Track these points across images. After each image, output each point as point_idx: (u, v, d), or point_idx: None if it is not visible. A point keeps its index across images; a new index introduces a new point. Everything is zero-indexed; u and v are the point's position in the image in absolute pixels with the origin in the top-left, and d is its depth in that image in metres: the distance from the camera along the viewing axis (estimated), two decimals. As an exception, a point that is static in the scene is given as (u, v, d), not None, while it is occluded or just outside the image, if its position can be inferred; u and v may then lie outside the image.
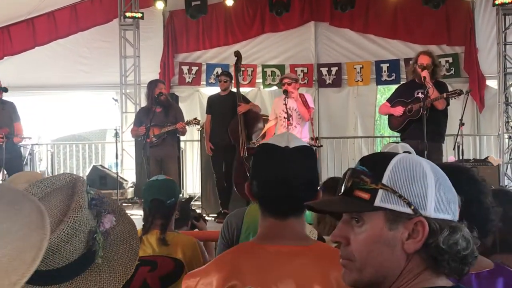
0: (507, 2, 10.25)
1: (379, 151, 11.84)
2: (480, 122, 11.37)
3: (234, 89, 8.58)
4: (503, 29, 10.72)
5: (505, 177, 10.42)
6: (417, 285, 1.26)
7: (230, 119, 8.30)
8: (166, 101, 8.45)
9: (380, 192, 1.26)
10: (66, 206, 1.62)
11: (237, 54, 8.52)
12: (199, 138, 9.69)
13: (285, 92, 7.58)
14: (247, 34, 11.86)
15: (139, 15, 11.29)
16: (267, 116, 8.72)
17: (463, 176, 1.88)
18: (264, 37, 11.94)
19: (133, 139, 10.55)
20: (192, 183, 11.24)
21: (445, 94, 6.95)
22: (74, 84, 11.84)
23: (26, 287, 1.60)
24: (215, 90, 9.07)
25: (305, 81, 11.79)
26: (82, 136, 16.66)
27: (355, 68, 11.71)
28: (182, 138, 10.51)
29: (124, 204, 10.29)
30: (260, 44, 11.96)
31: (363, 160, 1.35)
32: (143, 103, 11.74)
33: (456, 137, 8.43)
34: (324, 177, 11.27)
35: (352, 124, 11.85)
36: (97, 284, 1.66)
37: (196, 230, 4.75)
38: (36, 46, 11.38)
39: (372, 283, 1.30)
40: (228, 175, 8.42)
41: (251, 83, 11.90)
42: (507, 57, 10.80)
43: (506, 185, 10.01)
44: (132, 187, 10.83)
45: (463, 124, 8.52)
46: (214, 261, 1.93)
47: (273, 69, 11.88)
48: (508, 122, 10.79)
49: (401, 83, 11.40)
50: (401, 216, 1.25)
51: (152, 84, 8.56)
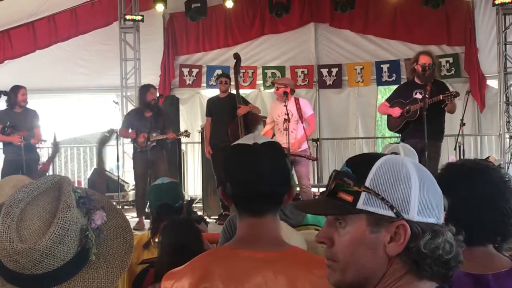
0: (507, 1, 10.22)
1: (380, 151, 11.86)
2: (481, 122, 11.36)
3: (234, 91, 8.59)
4: (503, 29, 10.71)
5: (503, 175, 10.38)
6: None
7: (230, 121, 8.31)
8: (156, 107, 8.50)
9: (363, 194, 1.25)
10: (54, 207, 1.62)
11: (236, 57, 8.53)
12: (200, 141, 9.70)
13: (285, 94, 7.59)
14: (247, 35, 11.87)
15: (139, 17, 11.29)
16: (266, 118, 8.74)
17: (480, 177, 1.87)
18: (264, 39, 11.95)
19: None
20: (193, 185, 11.24)
21: (441, 96, 6.92)
22: (75, 87, 11.85)
23: None
24: (216, 92, 9.08)
25: (306, 82, 11.80)
26: (83, 139, 16.65)
27: (356, 69, 11.72)
28: (183, 140, 10.54)
29: (125, 207, 10.31)
30: (260, 46, 11.97)
31: (349, 161, 1.34)
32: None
33: (457, 137, 8.43)
34: (325, 178, 11.33)
35: (353, 125, 11.85)
36: (95, 281, 1.67)
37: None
38: (37, 49, 11.40)
39: (354, 284, 1.30)
40: (229, 177, 8.41)
41: (252, 85, 11.91)
42: (507, 56, 10.78)
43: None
44: (133, 189, 10.83)
45: (464, 124, 8.52)
46: (189, 263, 1.92)
47: (274, 70, 11.88)
48: (509, 121, 10.77)
49: (401, 83, 11.43)
50: (383, 219, 1.24)
51: (143, 89, 8.70)
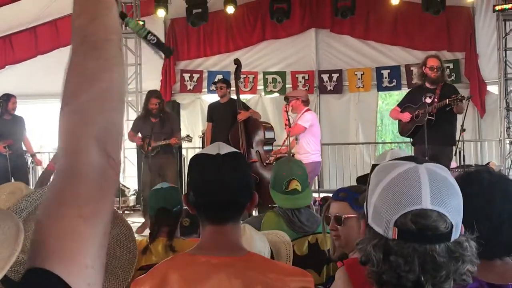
0: (507, 8, 10.26)
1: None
2: (481, 128, 11.37)
3: (234, 96, 8.60)
4: (504, 35, 10.73)
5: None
6: None
7: (231, 127, 8.31)
8: (160, 113, 8.50)
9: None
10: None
11: (237, 62, 8.54)
12: (201, 146, 9.70)
13: (286, 99, 7.63)
14: (248, 41, 11.90)
15: (141, 23, 11.30)
16: (268, 123, 8.76)
17: (499, 191, 1.87)
18: (265, 44, 11.98)
19: (135, 147, 10.58)
20: (194, 190, 11.24)
21: (447, 100, 6.96)
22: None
23: None
24: (217, 97, 9.09)
25: (306, 87, 11.81)
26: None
27: (356, 75, 11.74)
28: (184, 145, 10.55)
29: (126, 212, 10.31)
30: (261, 51, 12.00)
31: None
32: (145, 111, 11.80)
33: (457, 142, 8.43)
34: (325, 182, 11.36)
35: (353, 130, 11.87)
36: None
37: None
38: (38, 54, 11.43)
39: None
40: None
41: (252, 90, 11.93)
42: (507, 62, 10.81)
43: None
44: (134, 194, 10.85)
45: (464, 130, 8.51)
46: (150, 271, 1.97)
47: (274, 76, 11.92)
48: (509, 127, 10.79)
49: (402, 89, 11.47)
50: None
51: (146, 96, 8.78)
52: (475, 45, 11.18)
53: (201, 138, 9.62)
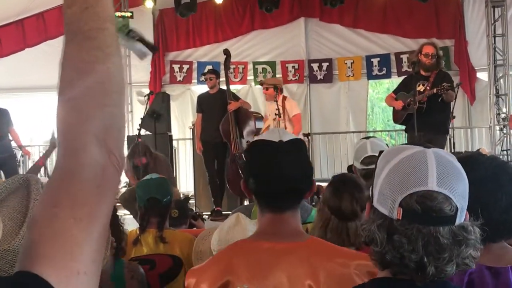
0: (495, -6, 10.29)
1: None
2: (471, 115, 11.40)
3: (223, 87, 8.58)
4: (492, 21, 10.75)
5: None
6: None
7: (221, 117, 8.29)
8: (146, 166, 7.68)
9: None
10: (25, 207, 1.60)
11: (226, 52, 8.51)
12: (191, 137, 9.68)
13: (276, 89, 7.61)
14: (237, 31, 11.85)
15: (129, 14, 11.23)
16: (258, 113, 8.76)
17: (504, 175, 1.86)
18: (254, 34, 11.93)
19: (125, 139, 10.53)
20: (185, 181, 11.23)
21: (435, 89, 7.03)
22: (65, 85, 11.80)
23: None
24: (207, 88, 9.06)
25: (296, 77, 11.80)
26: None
27: (346, 63, 11.73)
28: (174, 136, 10.53)
29: (117, 204, 10.27)
30: (251, 41, 11.96)
31: None
32: (135, 103, 11.77)
33: (449, 130, 8.46)
34: (317, 171, 11.35)
35: (344, 119, 11.86)
36: None
37: (195, 229, 4.79)
38: (26, 47, 11.33)
39: None
40: (221, 173, 8.42)
41: (242, 80, 11.90)
42: (496, 49, 10.84)
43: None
44: (125, 187, 10.80)
45: (454, 117, 8.56)
46: (211, 258, 1.98)
47: (264, 65, 11.88)
48: (499, 114, 10.83)
49: (392, 77, 11.49)
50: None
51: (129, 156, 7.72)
52: (464, 32, 11.19)
53: (191, 130, 9.59)
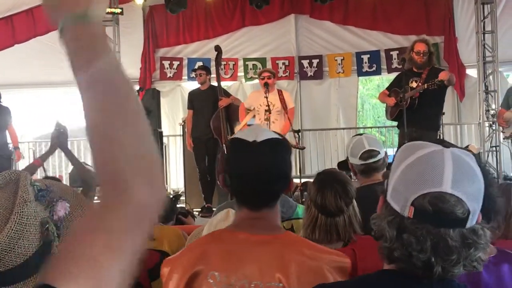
0: (485, -9, 10.32)
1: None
2: (461, 111, 11.45)
3: (214, 83, 8.57)
4: (482, 18, 10.78)
5: (486, 165, 10.49)
6: None
7: (212, 114, 8.29)
8: None
9: None
10: (11, 203, 1.61)
11: (217, 49, 8.49)
12: (181, 133, 9.67)
13: (266, 85, 7.59)
14: (227, 27, 11.83)
15: (119, 10, 11.20)
16: (249, 109, 8.74)
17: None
18: (244, 31, 11.92)
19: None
20: (175, 178, 11.22)
21: (425, 85, 7.06)
22: (55, 81, 11.73)
23: None
24: (197, 84, 9.06)
25: (287, 73, 11.81)
26: (65, 134, 16.51)
27: (336, 60, 11.74)
28: (164, 133, 10.52)
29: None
30: (241, 38, 11.94)
31: None
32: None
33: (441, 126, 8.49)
34: (307, 168, 11.38)
35: (334, 116, 11.88)
36: None
37: (185, 225, 4.79)
38: (16, 43, 11.27)
39: None
40: (211, 170, 8.42)
41: (233, 77, 11.89)
42: (486, 46, 10.87)
43: (487, 173, 10.08)
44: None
45: (443, 113, 8.59)
46: (186, 247, 2.04)
47: (255, 62, 11.88)
48: (488, 110, 10.88)
49: (382, 74, 11.53)
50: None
51: None
52: (454, 29, 11.23)
53: (181, 126, 9.58)
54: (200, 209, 8.56)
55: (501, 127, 9.11)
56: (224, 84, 9.84)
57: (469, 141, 10.83)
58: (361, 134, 3.81)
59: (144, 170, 0.99)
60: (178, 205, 4.86)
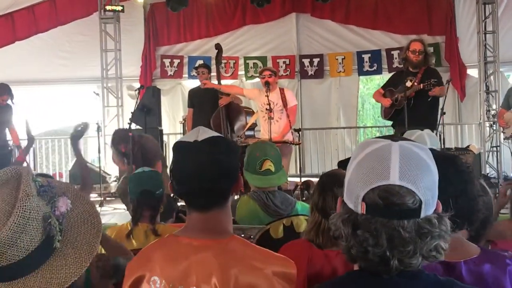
0: (486, -9, 10.31)
1: (361, 141, 11.91)
2: (461, 111, 11.45)
3: (215, 82, 8.55)
4: (483, 18, 10.78)
5: (487, 165, 10.51)
6: None
7: (212, 112, 8.26)
8: (132, 151, 7.13)
9: None
10: (14, 198, 1.61)
11: (218, 47, 8.46)
12: (182, 131, 9.67)
13: (267, 84, 7.57)
14: (228, 26, 11.83)
15: (119, 8, 11.20)
16: (249, 108, 8.73)
17: (450, 167, 1.89)
18: (245, 29, 11.91)
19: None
20: (175, 176, 11.20)
21: (421, 85, 7.07)
22: (55, 79, 11.76)
23: None
24: (198, 82, 9.04)
25: (287, 72, 11.80)
26: (64, 131, 16.48)
27: (337, 59, 11.73)
28: (165, 131, 10.51)
29: (107, 198, 10.25)
30: (242, 36, 11.94)
31: None
32: (125, 97, 11.74)
33: (437, 126, 8.48)
34: (307, 167, 11.38)
35: (334, 115, 11.88)
36: (63, 268, 1.66)
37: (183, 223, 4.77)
38: (16, 40, 11.26)
39: None
40: (211, 168, 8.39)
41: (233, 75, 11.89)
42: (487, 46, 10.87)
43: (487, 173, 10.10)
44: (115, 181, 10.78)
45: (444, 113, 8.58)
46: (139, 252, 2.03)
47: (255, 61, 11.87)
48: (489, 110, 10.88)
49: (383, 73, 11.51)
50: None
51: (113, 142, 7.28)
52: (455, 29, 11.23)
53: (182, 124, 9.57)
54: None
55: (501, 128, 9.10)
56: (224, 82, 9.82)
57: (469, 141, 10.83)
58: (422, 130, 3.76)
59: None
60: (178, 203, 4.85)
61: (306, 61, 11.87)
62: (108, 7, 11.23)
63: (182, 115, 10.25)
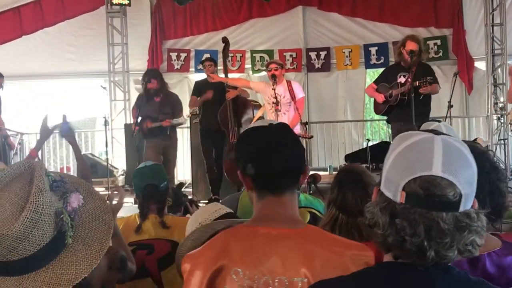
0: (494, -17, 10.25)
1: (368, 135, 11.88)
2: (469, 104, 11.40)
3: (222, 75, 8.54)
4: (491, 11, 10.73)
5: (494, 159, 10.46)
6: None
7: (218, 105, 8.24)
8: (161, 92, 8.50)
9: None
10: (26, 192, 1.61)
11: (225, 40, 8.45)
12: (189, 125, 9.66)
13: (273, 77, 7.56)
14: (235, 19, 11.80)
15: (126, 2, 11.20)
16: (256, 102, 8.72)
17: (486, 163, 1.93)
18: (252, 22, 11.89)
19: (123, 127, 10.57)
20: (182, 169, 11.22)
21: (417, 82, 7.08)
22: (62, 73, 11.78)
23: (1, 279, 1.59)
24: (204, 76, 9.03)
25: (294, 66, 11.78)
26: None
27: (344, 52, 11.70)
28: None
29: (115, 192, 10.27)
30: (249, 30, 11.91)
31: None
32: (132, 91, 11.75)
33: (445, 119, 8.46)
34: (314, 160, 11.37)
35: (341, 108, 11.86)
36: (74, 264, 1.66)
37: (188, 215, 4.80)
38: (23, 35, 11.29)
39: None
40: (218, 161, 8.41)
41: (240, 69, 11.88)
42: (494, 38, 10.82)
43: (495, 166, 10.05)
44: (122, 174, 10.82)
45: (451, 106, 8.58)
46: (207, 243, 1.98)
47: (262, 54, 11.85)
48: (496, 103, 10.84)
49: (389, 65, 11.45)
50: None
51: (143, 77, 8.75)
52: (463, 21, 11.16)
53: (189, 118, 9.56)
54: (207, 201, 8.55)
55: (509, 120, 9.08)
56: (231, 76, 9.80)
57: (477, 134, 10.80)
58: (439, 121, 3.75)
59: None
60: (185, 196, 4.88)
61: (313, 54, 11.84)
62: (114, 1, 11.22)
63: (188, 109, 10.24)
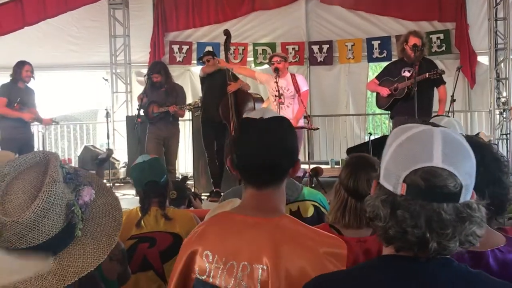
0: (498, -23, 10.22)
1: (370, 128, 11.85)
2: (471, 98, 11.39)
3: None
4: (494, 5, 10.71)
5: (498, 152, 10.45)
6: None
7: (221, 97, 8.21)
8: (163, 84, 8.52)
9: None
10: (40, 182, 1.62)
11: (226, 33, 8.43)
12: (191, 118, 9.66)
13: (276, 70, 7.55)
14: (237, 12, 11.77)
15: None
16: (258, 94, 8.72)
17: (488, 155, 1.92)
18: (254, 15, 11.85)
19: (125, 119, 10.56)
20: (184, 162, 11.24)
21: (427, 74, 7.06)
22: (64, 64, 11.77)
23: None
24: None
25: (297, 59, 11.75)
26: (73, 117, 16.55)
27: (346, 46, 11.67)
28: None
29: (116, 184, 10.30)
30: (251, 22, 11.88)
31: None
32: (134, 83, 11.75)
33: (447, 113, 8.45)
34: (316, 154, 11.36)
35: (343, 102, 11.84)
36: (81, 257, 1.67)
37: (192, 208, 4.83)
38: (25, 26, 11.24)
39: None
40: (220, 154, 8.40)
41: (242, 62, 11.84)
42: (498, 32, 10.80)
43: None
44: (124, 167, 10.83)
45: (454, 100, 8.57)
46: (194, 229, 2.07)
47: (264, 47, 11.83)
48: (499, 98, 10.84)
49: (393, 60, 11.42)
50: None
51: (148, 72, 8.79)
52: (466, 15, 11.13)
53: (190, 110, 9.55)
54: (208, 194, 8.57)
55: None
56: (233, 70, 9.79)
57: (479, 129, 10.79)
58: (448, 116, 3.77)
59: None
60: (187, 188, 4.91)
61: (315, 48, 11.81)
62: (117, -7, 11.20)
63: (190, 101, 10.23)
